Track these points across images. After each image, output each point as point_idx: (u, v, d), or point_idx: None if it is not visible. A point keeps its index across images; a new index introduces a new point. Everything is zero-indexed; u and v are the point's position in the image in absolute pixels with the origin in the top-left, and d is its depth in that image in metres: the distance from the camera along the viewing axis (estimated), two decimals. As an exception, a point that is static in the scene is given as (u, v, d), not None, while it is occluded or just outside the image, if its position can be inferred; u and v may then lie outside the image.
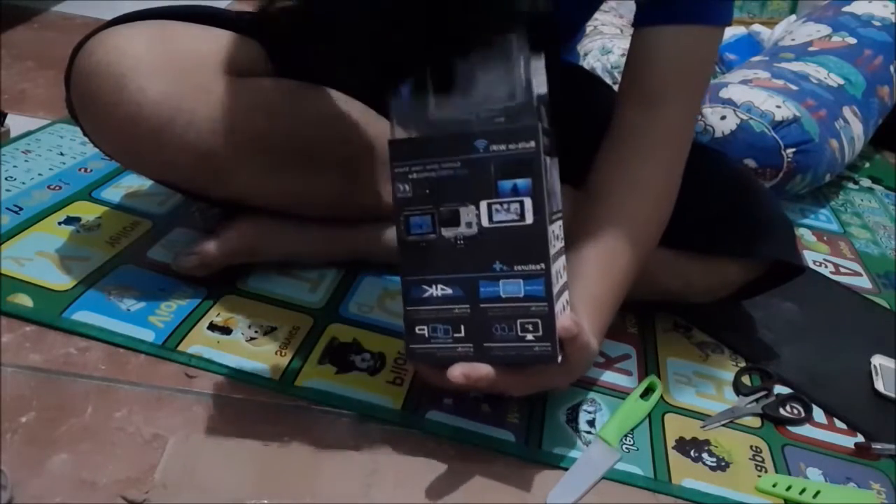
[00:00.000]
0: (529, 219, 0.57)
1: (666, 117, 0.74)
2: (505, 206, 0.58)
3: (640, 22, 0.76)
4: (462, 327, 0.60)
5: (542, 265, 0.58)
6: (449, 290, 0.60)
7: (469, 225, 0.59)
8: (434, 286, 0.60)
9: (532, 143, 0.56)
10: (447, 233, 0.59)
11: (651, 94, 0.74)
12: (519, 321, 0.59)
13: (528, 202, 0.57)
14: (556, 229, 0.61)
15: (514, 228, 0.58)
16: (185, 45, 0.71)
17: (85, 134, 0.75)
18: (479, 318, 0.59)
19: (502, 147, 0.57)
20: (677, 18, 0.73)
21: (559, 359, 0.59)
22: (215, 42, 0.74)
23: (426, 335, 0.61)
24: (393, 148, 0.60)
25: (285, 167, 0.77)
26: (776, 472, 0.71)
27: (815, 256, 1.16)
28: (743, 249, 0.82)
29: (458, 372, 0.58)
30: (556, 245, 0.60)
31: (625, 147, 0.76)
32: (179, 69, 0.69)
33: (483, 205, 0.58)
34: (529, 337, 0.59)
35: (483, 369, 0.59)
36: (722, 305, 0.88)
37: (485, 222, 0.58)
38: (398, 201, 0.60)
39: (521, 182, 0.57)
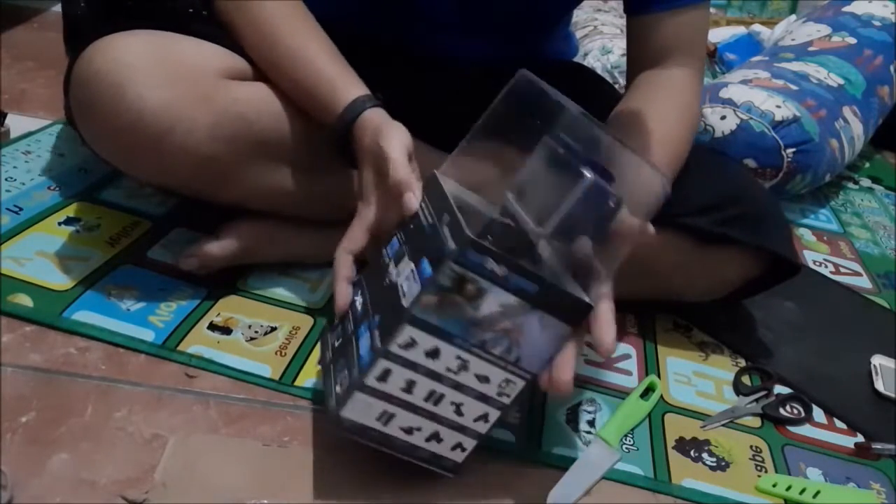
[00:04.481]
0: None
1: (678, 66, 0.81)
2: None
3: (633, 10, 0.77)
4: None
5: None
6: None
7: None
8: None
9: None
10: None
11: (657, 58, 0.81)
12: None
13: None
14: None
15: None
16: (184, 53, 0.71)
17: (83, 141, 0.75)
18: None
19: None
20: (671, 3, 0.78)
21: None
22: (214, 49, 0.74)
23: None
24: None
25: (286, 172, 0.77)
26: (776, 472, 0.72)
27: (815, 256, 1.16)
28: (745, 237, 0.81)
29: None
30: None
31: (640, 94, 0.81)
32: (179, 76, 0.69)
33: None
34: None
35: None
36: (721, 305, 0.88)
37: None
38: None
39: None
